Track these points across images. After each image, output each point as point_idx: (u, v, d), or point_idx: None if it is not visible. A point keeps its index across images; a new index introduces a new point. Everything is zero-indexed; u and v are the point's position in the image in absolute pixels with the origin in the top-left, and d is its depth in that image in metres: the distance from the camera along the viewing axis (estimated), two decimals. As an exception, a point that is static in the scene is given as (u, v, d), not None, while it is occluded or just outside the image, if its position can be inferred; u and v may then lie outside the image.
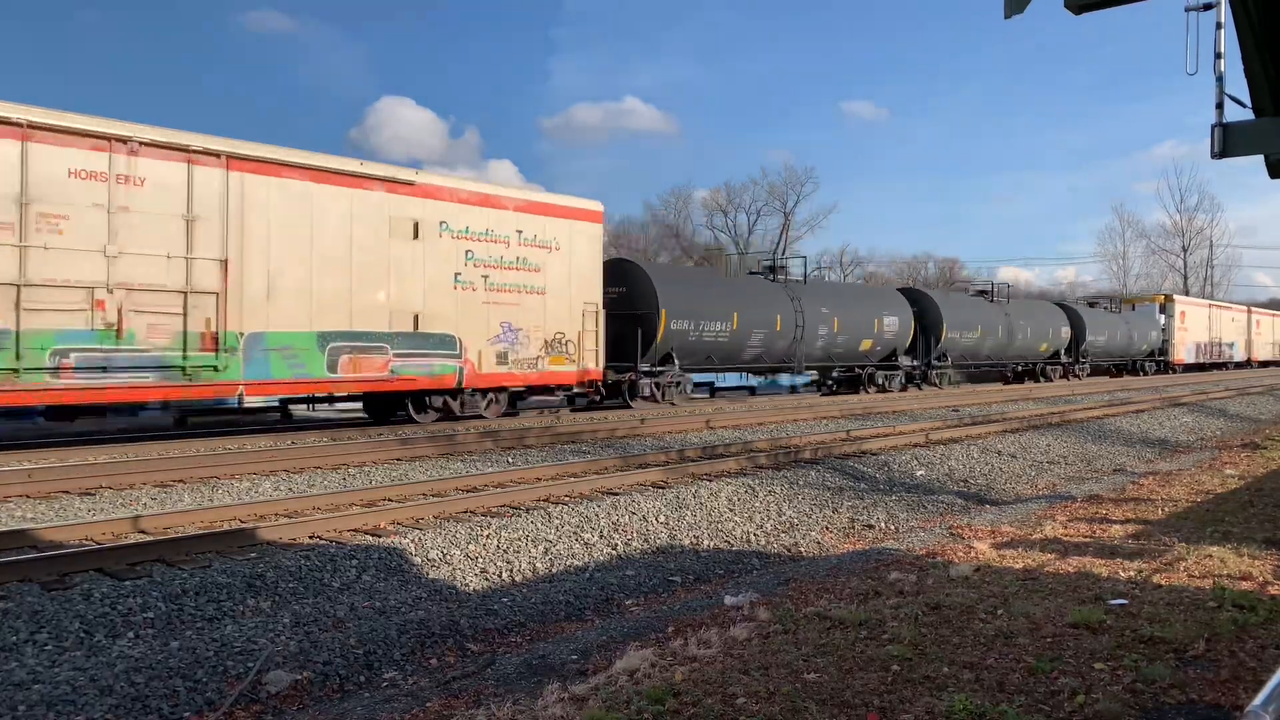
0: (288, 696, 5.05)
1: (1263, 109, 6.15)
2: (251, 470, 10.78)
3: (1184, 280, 78.04)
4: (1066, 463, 14.65)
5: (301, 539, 7.48)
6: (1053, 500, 10.29)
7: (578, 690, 4.26)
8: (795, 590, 6.19)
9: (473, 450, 12.87)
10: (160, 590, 6.09)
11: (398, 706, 4.60)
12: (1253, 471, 12.33)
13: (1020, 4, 4.65)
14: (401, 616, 6.22)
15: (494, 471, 10.75)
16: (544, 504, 9.03)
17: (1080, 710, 3.80)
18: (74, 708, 4.63)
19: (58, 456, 11.36)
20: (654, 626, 5.59)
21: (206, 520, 8.00)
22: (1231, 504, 9.46)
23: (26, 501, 8.89)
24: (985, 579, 6.12)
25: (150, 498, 9.31)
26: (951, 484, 12.27)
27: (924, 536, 8.33)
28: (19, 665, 5.01)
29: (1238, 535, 7.57)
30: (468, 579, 7.18)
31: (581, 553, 8.04)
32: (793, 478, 11.19)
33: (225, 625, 5.82)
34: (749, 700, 3.96)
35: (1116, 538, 7.66)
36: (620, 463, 11.63)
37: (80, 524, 7.53)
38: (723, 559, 8.40)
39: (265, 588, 6.43)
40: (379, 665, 5.56)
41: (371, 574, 6.93)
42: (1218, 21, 5.21)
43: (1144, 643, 4.66)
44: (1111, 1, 4.93)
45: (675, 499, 9.58)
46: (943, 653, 4.55)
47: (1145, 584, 5.94)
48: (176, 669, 5.11)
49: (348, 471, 11.09)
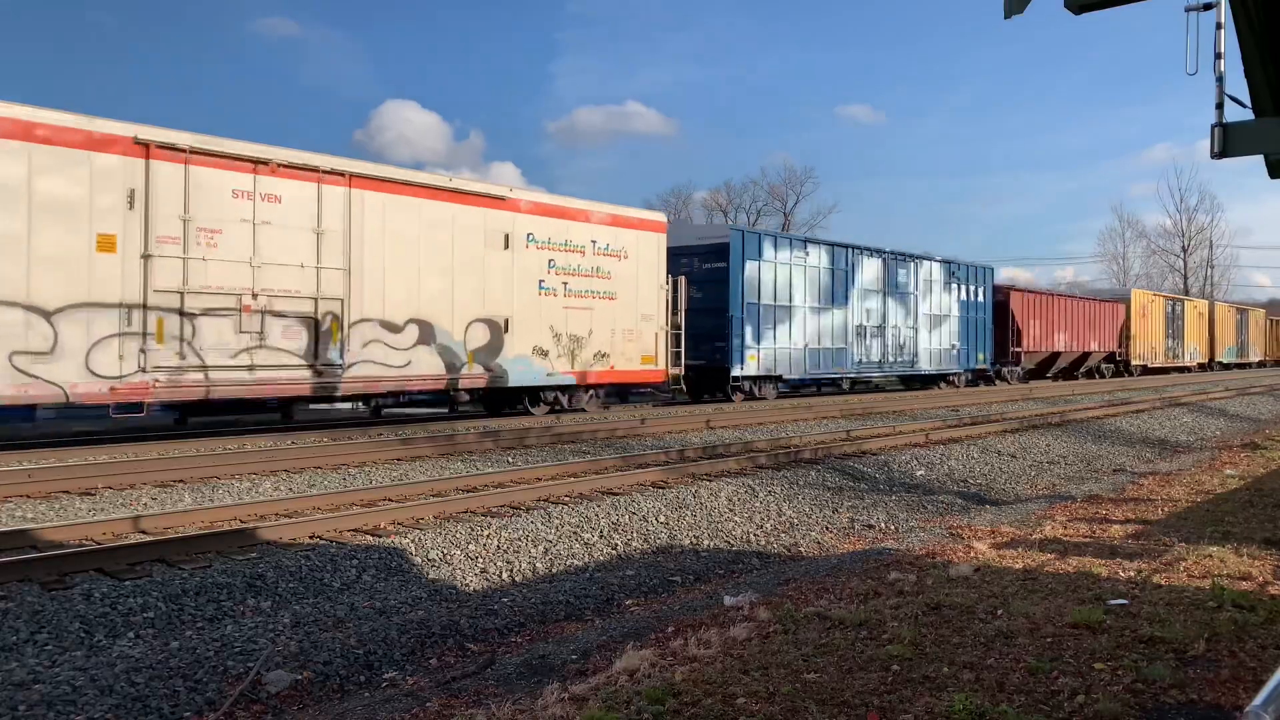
0: (288, 696, 5.05)
1: (1263, 109, 6.16)
2: (251, 470, 10.78)
3: (1184, 280, 78.06)
4: (1066, 463, 14.65)
5: (302, 539, 7.48)
6: (1052, 500, 10.29)
7: (577, 690, 4.26)
8: (795, 590, 6.18)
9: (473, 450, 12.86)
10: (160, 590, 6.09)
11: (398, 706, 4.60)
12: (1253, 471, 12.33)
13: (1020, 4, 4.65)
14: (402, 616, 6.22)
15: (494, 471, 10.75)
16: (544, 504, 9.03)
17: (1080, 710, 3.79)
18: (74, 708, 4.63)
19: (57, 457, 11.36)
20: (654, 626, 5.59)
21: (206, 520, 8.00)
22: (1231, 504, 9.46)
23: (26, 501, 8.89)
24: (985, 579, 6.12)
25: (150, 498, 9.31)
26: (951, 484, 12.27)
27: (924, 536, 8.33)
28: (19, 665, 5.01)
29: (1238, 535, 7.57)
30: (468, 579, 7.17)
31: (581, 553, 8.04)
32: (793, 478, 11.19)
33: (225, 625, 5.82)
34: (749, 700, 3.96)
35: (1116, 538, 7.66)
36: (620, 463, 11.63)
37: (80, 524, 7.53)
38: (722, 559, 8.40)
39: (265, 588, 6.43)
40: (379, 665, 5.56)
41: (372, 574, 6.93)
42: (1218, 22, 5.21)
43: (1144, 643, 4.65)
44: (1112, 1, 4.93)
45: (675, 499, 9.58)
46: (942, 653, 4.55)
47: (1145, 584, 5.94)
48: (177, 669, 5.11)
49: (348, 471, 11.09)
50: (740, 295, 22.39)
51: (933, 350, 29.69)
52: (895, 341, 27.94)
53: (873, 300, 27.08)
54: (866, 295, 26.79)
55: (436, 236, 15.73)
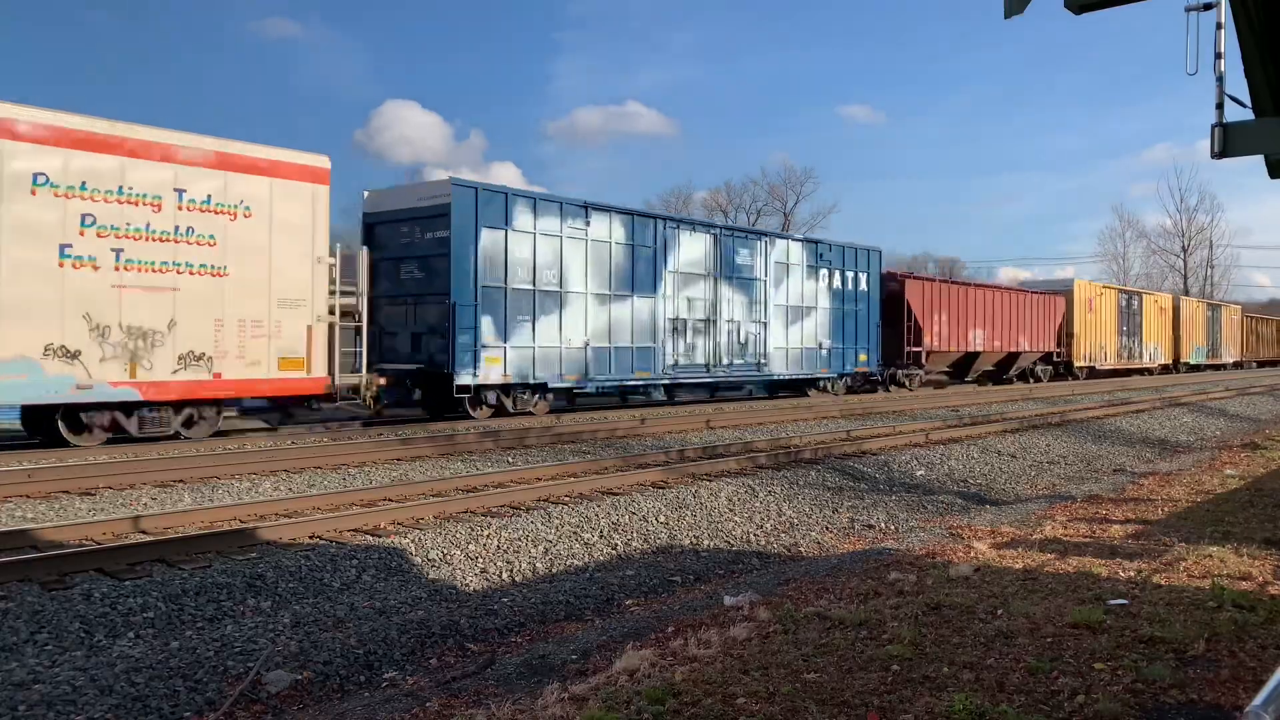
0: (288, 696, 5.05)
1: (1263, 109, 6.16)
2: (251, 470, 10.78)
3: (1184, 280, 78.08)
4: (1066, 463, 14.65)
5: (301, 539, 7.48)
6: (1052, 500, 10.29)
7: (577, 690, 4.26)
8: (795, 590, 6.18)
9: (473, 450, 12.87)
10: (160, 590, 6.09)
11: (398, 706, 4.60)
12: (1253, 471, 12.33)
13: (1020, 4, 4.65)
14: (401, 616, 6.22)
15: (494, 471, 10.75)
16: (544, 504, 9.03)
17: (1080, 710, 3.79)
18: (74, 708, 4.63)
19: (57, 457, 11.36)
20: (654, 626, 5.59)
21: (206, 520, 8.00)
22: (1231, 504, 9.46)
23: (26, 501, 8.89)
24: (985, 579, 6.12)
25: (150, 498, 9.31)
26: (951, 484, 12.27)
27: (924, 536, 8.33)
28: (19, 665, 5.01)
29: (1238, 535, 7.57)
30: (468, 579, 7.18)
31: (581, 553, 8.04)
32: (793, 478, 11.19)
33: (225, 625, 5.82)
34: (749, 700, 3.96)
35: (1116, 538, 7.66)
36: (620, 463, 11.63)
37: (80, 524, 7.53)
38: (722, 559, 8.40)
39: (265, 588, 6.43)
40: (379, 665, 5.56)
41: (371, 574, 6.93)
42: (1218, 22, 5.21)
43: (1144, 643, 4.65)
44: (1112, 1, 4.93)
45: (675, 499, 9.58)
46: (942, 653, 4.55)
47: (1145, 584, 5.94)
48: (177, 669, 5.11)
49: (348, 471, 11.09)
50: (471, 275, 16.58)
51: (791, 350, 23.90)
52: (733, 339, 22.18)
53: (698, 287, 21.34)
54: (689, 281, 21.07)
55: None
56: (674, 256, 20.79)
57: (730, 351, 22.13)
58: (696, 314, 21.31)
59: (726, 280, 22.08)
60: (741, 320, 22.47)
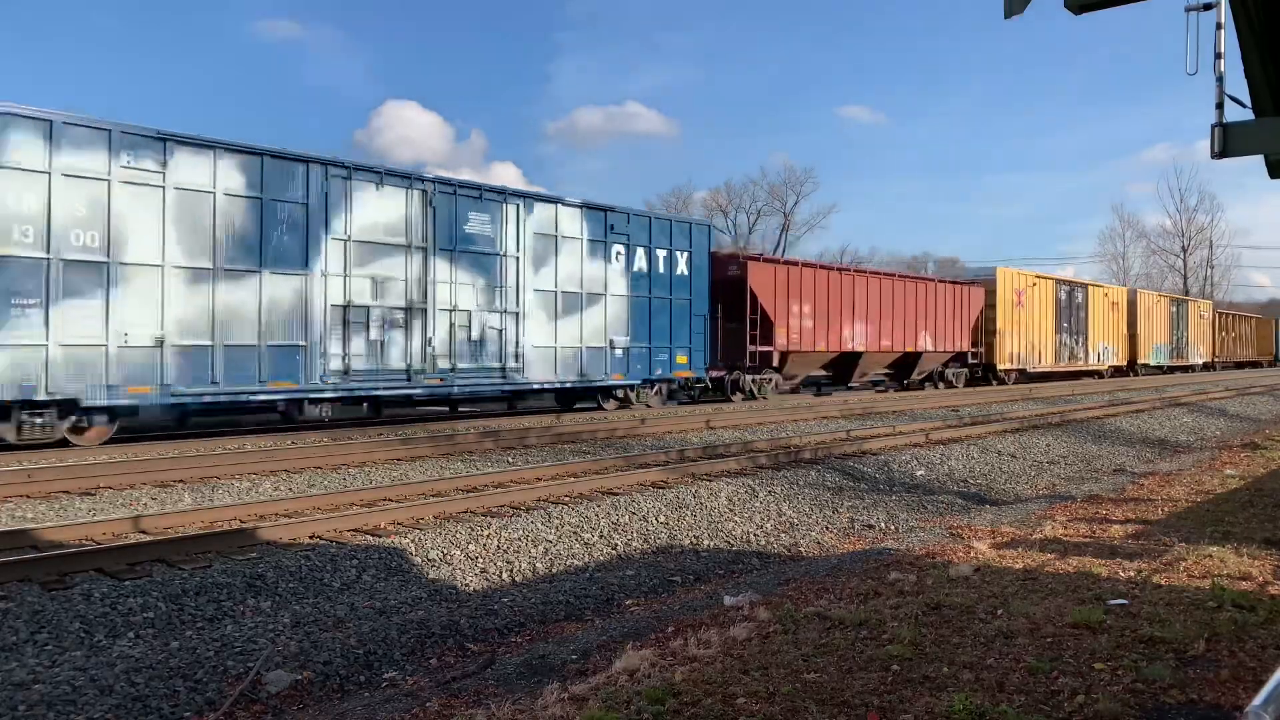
0: (288, 696, 5.05)
1: (1263, 109, 6.15)
2: (251, 470, 10.78)
3: (1184, 280, 78.07)
4: (1066, 463, 14.65)
5: (301, 539, 7.48)
6: (1052, 500, 10.29)
7: (577, 690, 4.26)
8: (795, 590, 6.18)
9: (473, 450, 12.87)
10: (160, 590, 6.09)
11: (398, 706, 4.60)
12: (1253, 471, 12.33)
13: (1020, 4, 4.65)
14: (401, 616, 6.22)
15: (494, 471, 10.75)
16: (544, 504, 9.03)
17: (1080, 710, 3.79)
18: (74, 708, 4.63)
19: (57, 456, 11.36)
20: (654, 626, 5.59)
21: (206, 520, 8.00)
22: (1231, 504, 9.46)
23: (26, 501, 8.89)
24: (985, 579, 6.12)
25: (150, 498, 9.31)
26: (951, 484, 12.27)
27: (924, 536, 8.33)
28: (19, 665, 5.01)
29: (1238, 535, 7.57)
30: (468, 579, 7.18)
31: (581, 553, 8.04)
32: (793, 478, 11.19)
33: (225, 625, 5.82)
34: (749, 700, 3.96)
35: (1116, 538, 7.66)
36: (620, 463, 11.63)
37: (80, 524, 7.53)
38: (722, 559, 8.40)
39: (265, 588, 6.43)
40: (379, 665, 5.56)
41: (371, 574, 6.93)
42: (1218, 22, 5.21)
43: (1144, 643, 4.65)
44: (1112, 1, 4.93)
45: (675, 499, 9.58)
46: (942, 653, 4.55)
47: (1145, 584, 5.94)
48: (177, 669, 5.11)
49: (348, 471, 11.09)
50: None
51: (563, 351, 18.20)
52: (459, 336, 16.49)
53: (394, 262, 15.56)
54: (375, 253, 15.30)
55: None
56: (345, 219, 14.88)
57: (454, 353, 16.42)
58: (390, 300, 15.50)
59: (448, 255, 16.29)
60: (476, 309, 16.80)
